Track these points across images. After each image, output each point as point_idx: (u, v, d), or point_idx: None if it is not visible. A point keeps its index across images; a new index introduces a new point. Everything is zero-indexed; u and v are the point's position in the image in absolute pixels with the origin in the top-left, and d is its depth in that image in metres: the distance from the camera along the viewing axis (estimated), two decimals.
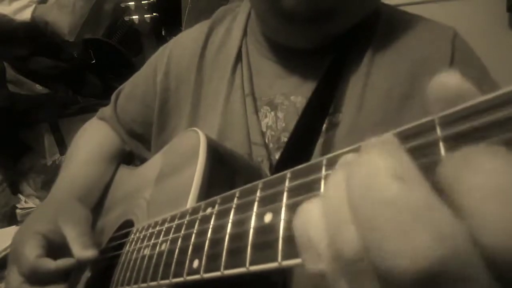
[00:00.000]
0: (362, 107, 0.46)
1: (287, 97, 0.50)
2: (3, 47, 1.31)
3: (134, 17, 1.34)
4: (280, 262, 0.20)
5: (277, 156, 0.47)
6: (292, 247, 0.20)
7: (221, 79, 0.54)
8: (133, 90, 0.66)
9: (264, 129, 0.50)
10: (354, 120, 0.45)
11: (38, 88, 1.37)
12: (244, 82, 0.52)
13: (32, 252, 0.44)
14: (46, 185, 1.42)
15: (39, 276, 0.44)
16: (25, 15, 1.36)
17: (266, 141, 0.49)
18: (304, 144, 0.42)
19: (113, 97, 0.69)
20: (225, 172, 0.40)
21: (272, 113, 0.50)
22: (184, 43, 0.62)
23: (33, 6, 1.38)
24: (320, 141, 0.45)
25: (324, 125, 0.45)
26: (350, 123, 0.45)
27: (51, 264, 0.44)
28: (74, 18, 1.39)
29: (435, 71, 0.55)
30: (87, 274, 0.50)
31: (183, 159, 0.41)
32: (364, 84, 0.46)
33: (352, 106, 0.46)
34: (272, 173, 0.43)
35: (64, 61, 1.41)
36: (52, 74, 1.39)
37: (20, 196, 1.41)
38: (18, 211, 1.34)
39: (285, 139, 0.47)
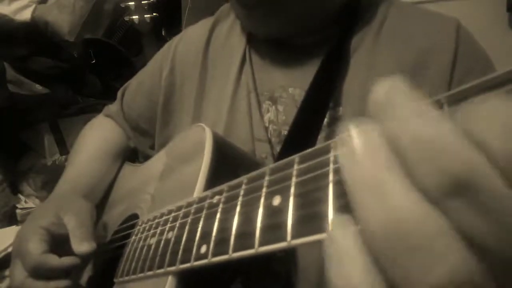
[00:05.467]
0: (366, 99, 0.45)
1: (285, 89, 0.50)
2: (3, 47, 1.31)
3: (134, 17, 1.34)
4: (289, 241, 0.20)
5: (278, 149, 0.47)
6: (301, 226, 0.20)
7: (226, 77, 0.54)
8: (140, 86, 0.67)
9: (266, 124, 0.50)
10: (358, 113, 0.45)
11: (38, 88, 1.37)
12: (248, 79, 0.53)
13: (36, 248, 0.44)
14: (46, 185, 1.42)
15: (43, 272, 0.44)
16: (25, 15, 1.36)
17: (269, 136, 0.49)
18: (305, 138, 0.42)
19: (119, 93, 0.70)
20: (230, 167, 0.40)
21: (273, 107, 0.50)
22: (189, 39, 0.62)
23: (33, 6, 1.37)
24: (322, 135, 0.45)
25: (326, 120, 0.45)
26: (354, 116, 0.45)
27: (55, 261, 0.43)
28: (74, 18, 1.39)
29: (438, 63, 0.55)
30: (90, 265, 0.50)
31: (189, 153, 0.41)
32: (366, 76, 0.46)
33: (354, 98, 0.46)
34: None
35: (64, 61, 1.41)
36: (52, 74, 1.39)
37: (20, 196, 1.40)
38: (18, 211, 1.34)
39: (285, 133, 0.47)
